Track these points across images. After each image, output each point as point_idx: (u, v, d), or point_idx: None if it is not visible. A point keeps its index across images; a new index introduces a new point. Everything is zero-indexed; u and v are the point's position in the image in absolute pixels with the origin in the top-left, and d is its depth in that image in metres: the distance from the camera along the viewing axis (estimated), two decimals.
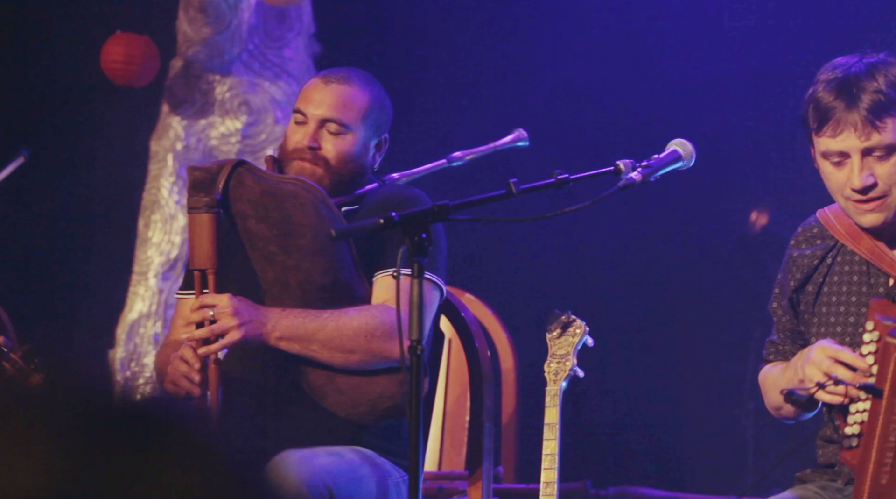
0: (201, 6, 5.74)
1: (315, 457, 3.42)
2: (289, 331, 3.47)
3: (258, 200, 3.53)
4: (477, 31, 5.73)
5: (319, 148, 3.67)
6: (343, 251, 3.54)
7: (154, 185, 5.88)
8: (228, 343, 3.44)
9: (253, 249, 3.55)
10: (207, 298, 3.47)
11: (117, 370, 5.81)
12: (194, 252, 3.52)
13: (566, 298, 5.36)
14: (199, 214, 3.51)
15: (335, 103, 3.69)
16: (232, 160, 3.62)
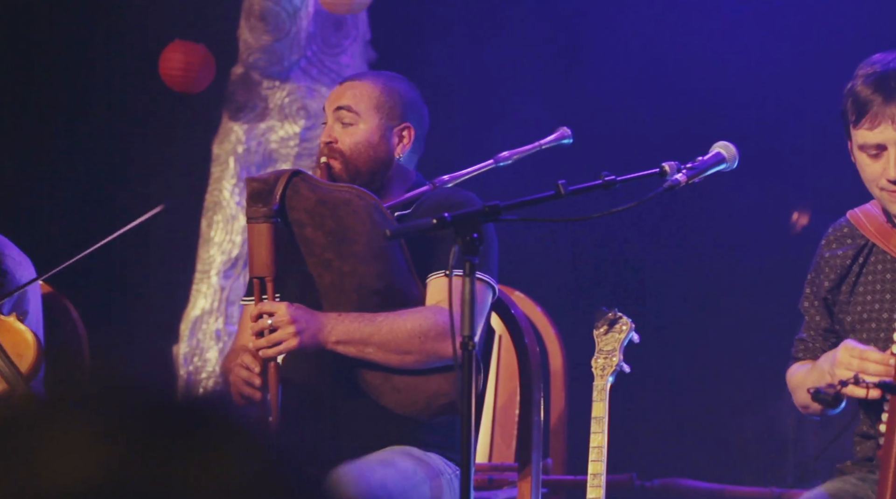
0: (262, 15, 5.78)
1: (370, 471, 3.43)
2: (345, 335, 3.49)
3: (313, 209, 3.55)
4: (525, 33, 5.74)
5: (335, 141, 3.71)
6: (396, 255, 3.56)
7: (216, 187, 5.92)
8: (287, 349, 3.47)
9: (310, 256, 3.57)
10: (266, 306, 3.49)
11: (181, 365, 5.84)
12: (253, 260, 3.55)
13: (613, 295, 5.37)
14: (257, 223, 3.54)
15: (344, 94, 3.74)
16: (288, 171, 3.64)
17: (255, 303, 3.53)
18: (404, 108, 3.75)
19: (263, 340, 3.46)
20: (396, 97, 3.75)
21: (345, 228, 3.53)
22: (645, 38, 5.65)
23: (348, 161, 3.68)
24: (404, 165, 3.75)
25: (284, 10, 5.77)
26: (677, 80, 5.61)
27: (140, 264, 5.97)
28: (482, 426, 4.11)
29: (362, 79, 3.80)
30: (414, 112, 3.77)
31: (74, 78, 6.02)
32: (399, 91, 3.77)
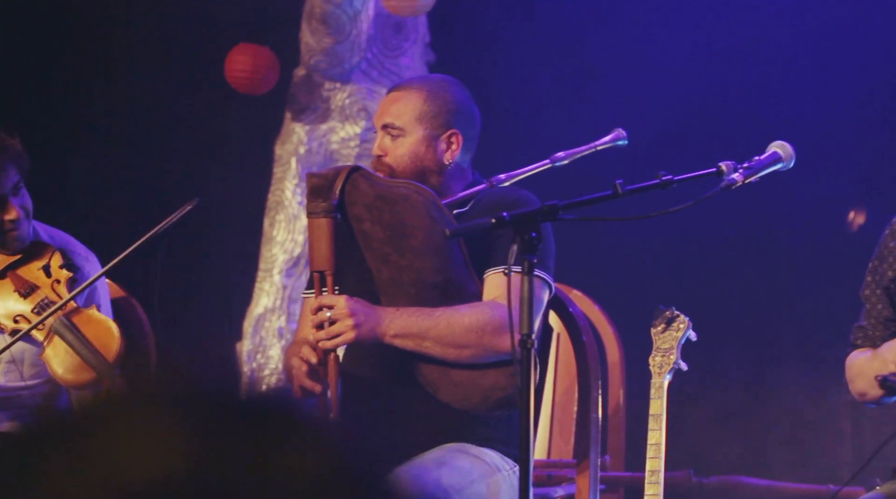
0: (323, 17, 5.79)
1: (426, 472, 3.42)
2: (403, 329, 3.49)
3: (372, 204, 3.56)
4: (581, 34, 5.72)
5: (385, 154, 3.71)
6: (454, 251, 3.55)
7: (279, 187, 5.94)
8: (345, 342, 3.47)
9: (368, 250, 3.57)
10: (325, 299, 3.50)
11: (244, 362, 5.87)
12: (313, 254, 3.56)
13: (670, 293, 5.34)
14: (317, 218, 3.55)
15: (391, 109, 3.73)
16: (348, 166, 3.65)
17: (315, 296, 3.53)
18: (450, 115, 3.74)
19: (323, 332, 3.47)
20: (441, 105, 3.73)
21: (403, 223, 3.53)
22: (701, 37, 5.62)
23: (395, 173, 3.69)
24: (459, 166, 3.74)
25: (345, 13, 5.78)
26: (734, 79, 5.58)
27: (204, 263, 6.00)
28: (540, 423, 4.10)
29: (407, 89, 3.78)
30: (461, 116, 3.76)
31: (142, 79, 6.05)
32: (444, 98, 3.75)
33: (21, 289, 3.86)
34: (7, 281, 3.88)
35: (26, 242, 3.90)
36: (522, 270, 3.20)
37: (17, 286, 3.87)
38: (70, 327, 3.77)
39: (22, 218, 3.86)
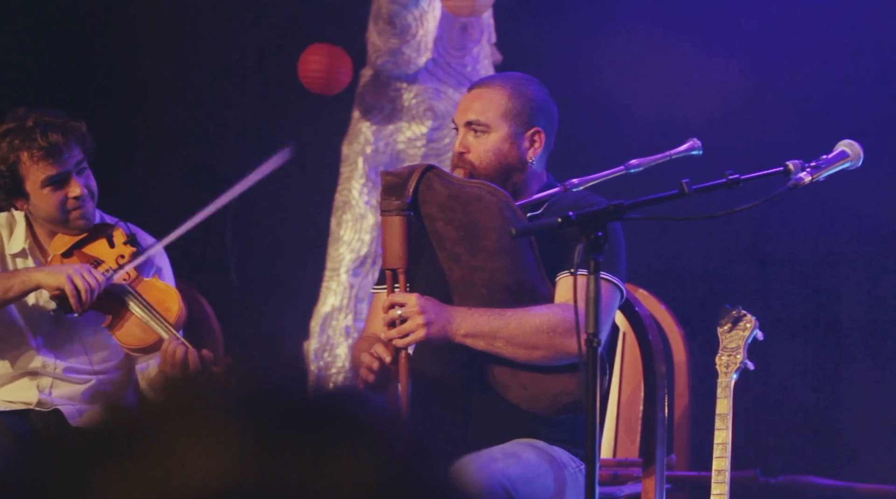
0: (390, 18, 5.80)
1: (493, 462, 3.42)
2: (474, 328, 3.48)
3: (445, 204, 3.55)
4: (646, 33, 5.70)
5: (468, 151, 3.69)
6: (526, 252, 3.54)
7: (345, 186, 5.95)
8: (416, 340, 3.46)
9: (441, 250, 3.57)
10: (397, 296, 3.49)
11: (311, 361, 5.88)
12: (386, 252, 3.55)
13: (736, 293, 5.31)
14: (390, 216, 3.54)
15: (475, 106, 3.71)
16: (422, 165, 3.64)
17: (388, 294, 3.53)
18: (533, 113, 3.72)
19: (394, 330, 3.46)
20: (525, 102, 3.71)
21: (476, 223, 3.52)
22: (767, 36, 5.58)
23: (478, 170, 3.67)
24: (538, 165, 3.73)
25: (412, 14, 5.78)
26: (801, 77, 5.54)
27: (272, 261, 6.02)
28: (607, 422, 4.08)
29: (490, 86, 3.75)
30: (544, 114, 3.74)
31: (210, 79, 6.08)
32: (528, 95, 3.73)
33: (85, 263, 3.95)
34: (73, 259, 3.98)
35: (90, 221, 4.00)
36: (589, 269, 3.19)
37: (82, 262, 3.96)
38: (132, 294, 3.89)
39: (86, 196, 3.96)
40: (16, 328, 4.05)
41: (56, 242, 4.01)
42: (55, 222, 3.99)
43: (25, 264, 4.05)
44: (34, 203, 3.97)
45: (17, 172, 3.94)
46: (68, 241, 4.01)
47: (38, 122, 3.93)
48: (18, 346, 4.05)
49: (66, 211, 3.95)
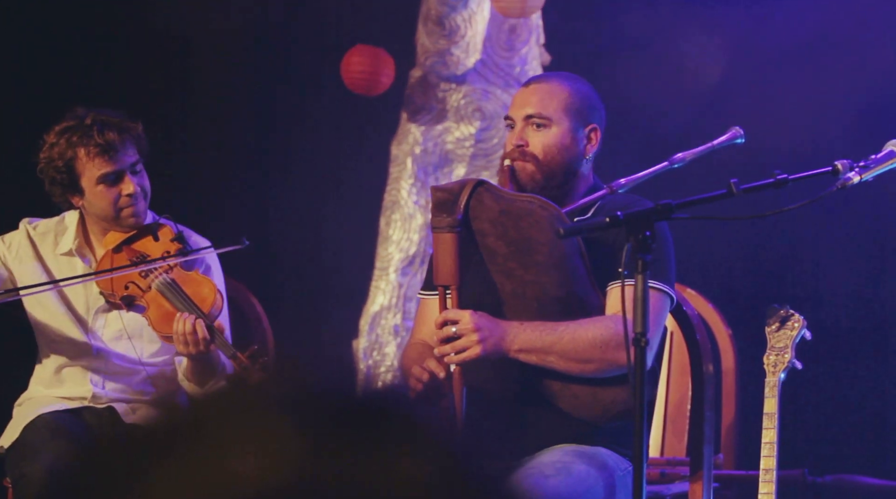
0: (439, 19, 5.80)
1: (545, 479, 3.42)
2: (527, 344, 3.48)
3: (497, 219, 3.54)
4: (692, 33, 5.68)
5: (527, 144, 3.67)
6: (577, 263, 3.53)
7: (394, 186, 5.96)
8: (470, 357, 3.45)
9: (492, 264, 3.56)
10: (451, 314, 3.49)
11: (360, 359, 5.90)
12: (438, 268, 3.55)
13: (784, 292, 5.28)
14: (442, 233, 3.54)
15: (534, 100, 3.70)
16: (471, 180, 3.62)
17: (440, 311, 3.53)
18: (590, 110, 3.72)
19: (448, 346, 3.46)
20: (583, 98, 3.72)
21: (527, 238, 3.51)
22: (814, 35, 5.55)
23: (542, 164, 3.65)
24: (585, 168, 3.72)
25: (461, 15, 5.78)
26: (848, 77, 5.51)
27: (322, 261, 6.04)
28: (654, 421, 4.07)
29: (549, 81, 3.74)
30: (598, 113, 3.74)
31: (259, 80, 6.10)
32: (585, 92, 3.74)
33: (133, 258, 4.06)
34: (122, 255, 4.08)
35: (141, 220, 4.09)
36: (637, 269, 3.18)
37: (130, 257, 4.07)
38: (170, 284, 3.98)
39: (138, 194, 4.04)
40: (68, 322, 4.12)
41: (108, 238, 4.11)
42: (107, 219, 4.08)
43: (72, 263, 4.15)
44: (88, 199, 4.06)
45: (74, 169, 4.03)
46: (119, 237, 4.10)
47: (96, 120, 4.03)
48: (71, 340, 4.12)
49: (119, 208, 4.04)
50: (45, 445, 3.88)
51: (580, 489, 3.44)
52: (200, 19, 5.97)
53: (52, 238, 4.17)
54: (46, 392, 4.15)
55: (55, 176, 4.05)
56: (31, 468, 3.85)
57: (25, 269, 4.12)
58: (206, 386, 4.03)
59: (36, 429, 3.96)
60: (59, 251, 4.15)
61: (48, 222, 4.20)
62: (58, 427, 3.97)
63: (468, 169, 5.88)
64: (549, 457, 3.50)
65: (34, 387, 4.20)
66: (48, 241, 4.17)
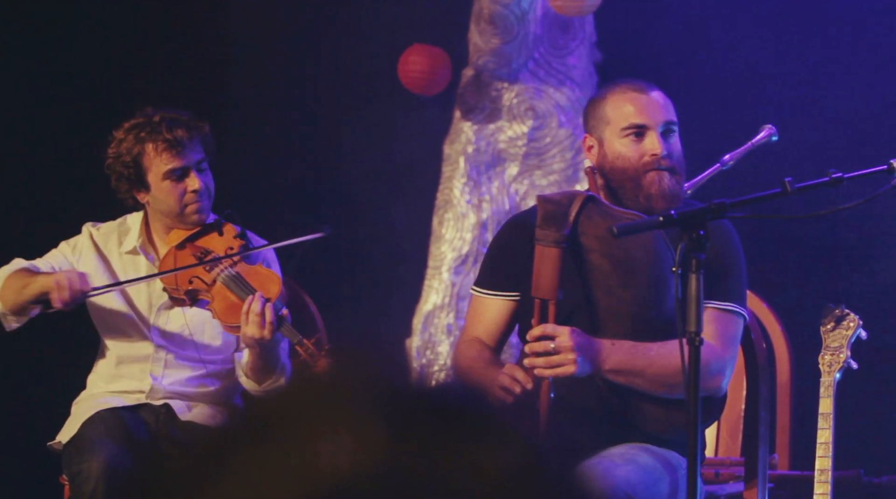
0: (491, 18, 5.80)
1: (615, 467, 3.42)
2: (619, 365, 3.49)
3: (603, 236, 3.53)
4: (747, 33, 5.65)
5: (669, 152, 3.64)
6: (671, 284, 3.50)
7: (447, 185, 5.96)
8: (563, 374, 3.45)
9: (592, 280, 3.55)
10: (549, 328, 3.48)
11: (413, 358, 5.90)
12: (538, 281, 3.53)
13: (840, 292, 5.25)
14: (547, 247, 3.53)
15: (667, 107, 3.69)
16: (581, 194, 3.61)
17: (536, 323, 3.52)
18: None
19: (542, 360, 3.46)
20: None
21: (630, 255, 3.52)
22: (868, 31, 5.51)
23: (678, 173, 3.64)
24: None
25: (513, 14, 5.78)
26: None
27: (375, 260, 6.05)
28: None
29: (658, 89, 3.73)
30: None
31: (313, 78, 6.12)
32: None
33: (197, 254, 4.13)
34: (186, 251, 4.15)
35: (204, 217, 4.15)
36: (691, 268, 3.17)
37: (194, 253, 4.14)
38: (235, 276, 4.05)
39: (203, 192, 4.11)
40: (130, 318, 4.17)
41: (171, 236, 4.17)
42: (171, 215, 4.14)
43: (135, 262, 4.21)
44: (154, 195, 4.13)
45: (141, 164, 4.10)
46: (183, 234, 4.16)
47: (165, 118, 4.10)
48: (133, 335, 4.17)
49: (184, 204, 4.10)
50: (102, 441, 3.92)
51: (648, 481, 3.44)
52: (254, 18, 5.99)
53: (115, 238, 4.23)
54: (105, 387, 4.19)
55: (122, 171, 4.12)
56: (88, 464, 3.88)
57: (90, 269, 4.17)
58: (264, 384, 4.05)
59: (94, 425, 4.00)
60: (124, 250, 4.22)
61: (110, 224, 4.26)
62: (115, 424, 4.00)
63: (520, 168, 5.87)
64: (619, 449, 3.51)
65: (93, 383, 4.25)
66: (112, 241, 4.23)
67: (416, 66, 5.75)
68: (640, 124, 3.64)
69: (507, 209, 5.84)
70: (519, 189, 5.87)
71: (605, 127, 3.67)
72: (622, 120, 3.64)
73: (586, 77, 5.84)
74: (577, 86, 5.84)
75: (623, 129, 3.65)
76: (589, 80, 5.83)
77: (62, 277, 3.96)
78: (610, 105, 3.68)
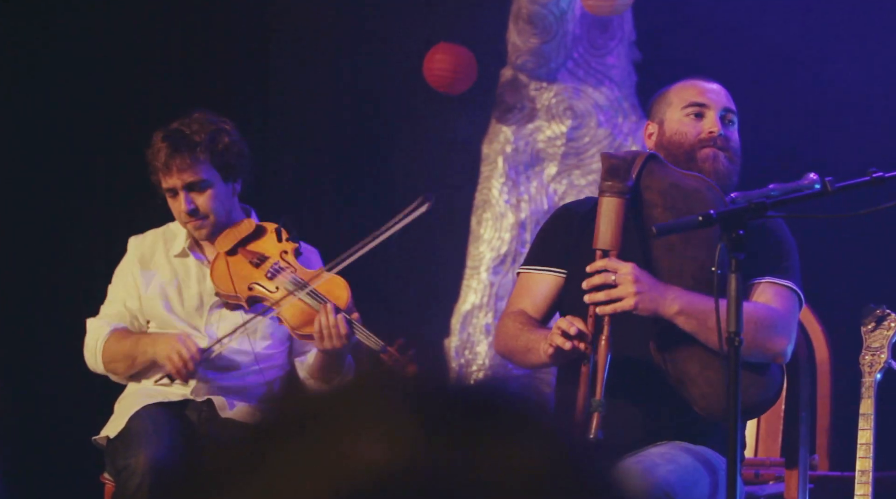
0: (529, 18, 5.80)
1: (655, 467, 3.40)
2: (689, 306, 3.43)
3: (666, 191, 3.54)
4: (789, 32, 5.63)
5: (727, 136, 3.70)
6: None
7: (485, 185, 5.96)
8: (622, 308, 3.40)
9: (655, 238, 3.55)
10: (611, 262, 3.45)
11: (452, 358, 5.91)
12: (599, 232, 3.51)
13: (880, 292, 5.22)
14: (610, 197, 3.52)
15: (725, 96, 3.76)
16: (644, 152, 3.64)
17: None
18: None
19: (601, 294, 3.41)
20: None
21: (693, 214, 3.51)
22: None
23: (734, 159, 3.69)
24: None
25: (551, 13, 5.77)
26: None
27: (413, 260, 6.05)
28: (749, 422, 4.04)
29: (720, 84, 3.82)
30: None
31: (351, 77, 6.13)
32: None
33: (253, 260, 4.17)
34: (239, 256, 4.19)
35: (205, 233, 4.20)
36: (730, 268, 3.17)
37: (249, 258, 4.17)
38: (300, 284, 4.10)
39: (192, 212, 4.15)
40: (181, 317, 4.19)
41: (219, 241, 4.22)
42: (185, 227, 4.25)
43: (185, 264, 4.26)
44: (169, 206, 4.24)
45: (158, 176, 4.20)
46: (231, 239, 4.21)
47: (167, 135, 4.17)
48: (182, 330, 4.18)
49: (184, 221, 4.20)
50: (148, 436, 3.94)
51: (688, 481, 3.42)
52: (290, 17, 6.01)
53: (161, 244, 4.29)
54: (148, 382, 4.20)
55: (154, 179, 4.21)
56: (135, 459, 3.90)
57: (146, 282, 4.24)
58: (333, 383, 4.08)
59: (140, 420, 4.03)
60: (173, 253, 4.27)
61: (154, 232, 4.33)
62: (161, 419, 4.03)
63: (559, 168, 5.87)
64: (659, 449, 3.48)
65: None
66: (159, 247, 4.30)
67: (440, 65, 5.75)
68: (700, 103, 3.72)
69: (545, 209, 5.84)
70: (558, 189, 5.87)
71: (667, 108, 3.76)
72: (684, 100, 3.74)
73: (625, 76, 5.83)
74: (615, 85, 5.83)
75: (684, 107, 3.73)
76: (628, 80, 5.81)
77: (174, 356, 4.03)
78: (673, 91, 3.79)
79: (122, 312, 4.24)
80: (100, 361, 4.20)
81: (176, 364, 4.03)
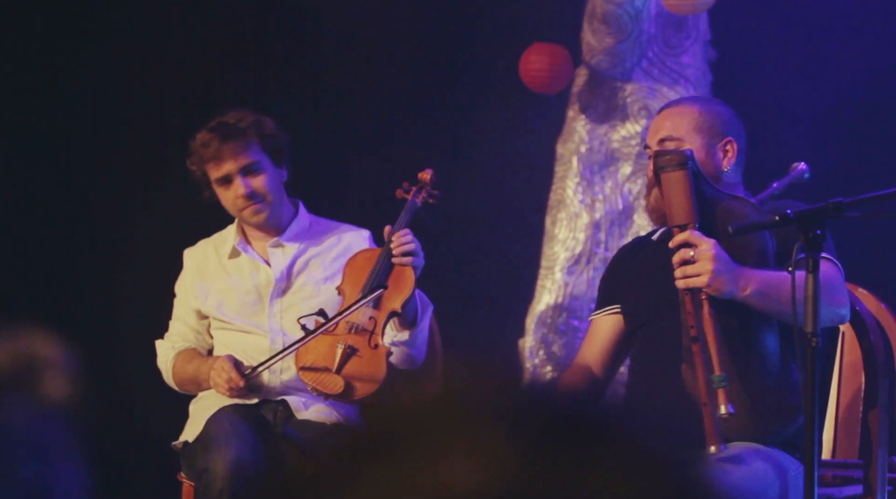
0: (604, 17, 5.78)
1: (725, 472, 3.38)
2: (765, 284, 3.40)
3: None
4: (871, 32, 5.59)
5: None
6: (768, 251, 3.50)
7: (560, 185, 5.95)
8: (697, 284, 3.37)
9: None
10: (693, 235, 3.42)
11: (526, 358, 5.90)
12: (671, 209, 3.47)
13: None
14: (671, 172, 3.48)
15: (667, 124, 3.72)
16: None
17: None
18: (724, 125, 3.72)
19: (678, 271, 3.40)
20: (715, 115, 3.73)
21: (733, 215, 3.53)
22: None
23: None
24: (731, 180, 3.70)
25: (626, 13, 5.75)
26: None
27: (488, 260, 6.05)
28: (826, 423, 4.01)
29: (679, 104, 3.81)
30: (734, 126, 3.75)
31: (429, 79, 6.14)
32: (716, 110, 3.76)
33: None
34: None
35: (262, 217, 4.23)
36: (808, 268, 3.15)
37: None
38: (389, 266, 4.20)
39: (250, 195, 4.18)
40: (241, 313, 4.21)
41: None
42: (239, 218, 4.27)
43: (238, 264, 4.28)
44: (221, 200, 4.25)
45: (206, 172, 4.23)
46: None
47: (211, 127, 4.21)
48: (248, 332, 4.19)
49: (238, 209, 4.20)
50: (228, 439, 3.95)
51: (758, 486, 3.40)
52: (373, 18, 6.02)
53: (213, 250, 4.33)
54: None
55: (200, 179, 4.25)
56: (214, 463, 3.91)
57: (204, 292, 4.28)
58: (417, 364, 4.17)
59: (219, 423, 4.04)
60: (224, 255, 4.30)
61: (205, 241, 4.37)
62: (239, 421, 4.04)
63: (634, 167, 5.85)
64: (728, 452, 3.46)
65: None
66: (210, 254, 4.32)
67: (535, 65, 5.74)
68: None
69: (620, 209, 5.82)
70: (632, 189, 5.85)
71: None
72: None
73: (700, 76, 5.80)
74: (690, 85, 5.80)
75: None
76: (703, 79, 5.78)
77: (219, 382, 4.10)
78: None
79: (184, 331, 4.30)
80: (174, 384, 4.31)
81: (223, 391, 4.09)
